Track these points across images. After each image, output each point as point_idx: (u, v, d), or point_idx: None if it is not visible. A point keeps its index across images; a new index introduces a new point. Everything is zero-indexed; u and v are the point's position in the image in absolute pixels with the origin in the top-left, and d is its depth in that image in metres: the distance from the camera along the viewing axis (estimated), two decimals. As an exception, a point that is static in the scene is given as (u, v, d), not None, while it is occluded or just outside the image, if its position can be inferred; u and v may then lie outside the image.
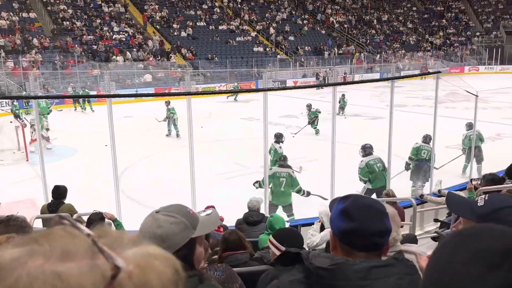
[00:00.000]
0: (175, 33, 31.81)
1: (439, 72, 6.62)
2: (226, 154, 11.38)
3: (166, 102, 14.07)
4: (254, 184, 7.31)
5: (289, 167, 7.18)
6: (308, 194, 7.17)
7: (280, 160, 7.35)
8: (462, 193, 5.92)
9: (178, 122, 13.48)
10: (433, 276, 0.51)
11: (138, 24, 31.78)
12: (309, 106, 14.49)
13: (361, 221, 1.16)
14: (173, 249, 1.27)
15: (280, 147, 8.58)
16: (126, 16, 31.76)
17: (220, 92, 19.74)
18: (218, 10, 36.67)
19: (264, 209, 5.72)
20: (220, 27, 34.49)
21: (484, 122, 13.05)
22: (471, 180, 6.75)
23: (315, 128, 14.11)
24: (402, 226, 2.34)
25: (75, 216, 5.33)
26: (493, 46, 40.12)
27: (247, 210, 4.97)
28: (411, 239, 3.03)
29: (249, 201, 4.93)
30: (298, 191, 6.99)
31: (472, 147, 8.49)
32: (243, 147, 11.86)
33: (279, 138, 8.83)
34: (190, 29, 32.67)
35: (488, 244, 0.49)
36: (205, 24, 34.36)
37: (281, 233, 2.82)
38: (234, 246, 2.98)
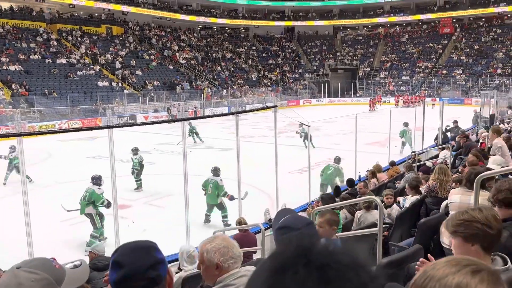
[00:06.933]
0: (4, 67, 28.36)
1: (276, 106, 7.32)
2: (71, 198, 10.41)
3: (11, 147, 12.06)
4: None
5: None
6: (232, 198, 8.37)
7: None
8: (304, 214, 6.53)
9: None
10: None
11: (-46, 55, 27.44)
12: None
13: (131, 263, 1.22)
14: None
15: (221, 180, 8.57)
16: None
17: (60, 131, 18.12)
18: (56, 43, 34.10)
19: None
20: (58, 61, 32.04)
21: (317, 148, 14.74)
22: (308, 204, 7.52)
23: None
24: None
25: None
26: (321, 82, 46.13)
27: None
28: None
29: (96, 246, 4.60)
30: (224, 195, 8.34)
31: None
32: (90, 188, 10.99)
33: (216, 171, 8.72)
34: (22, 62, 29.56)
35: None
36: (40, 57, 31.52)
37: None
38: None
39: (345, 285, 0.61)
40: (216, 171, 8.54)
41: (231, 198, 8.39)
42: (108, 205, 7.55)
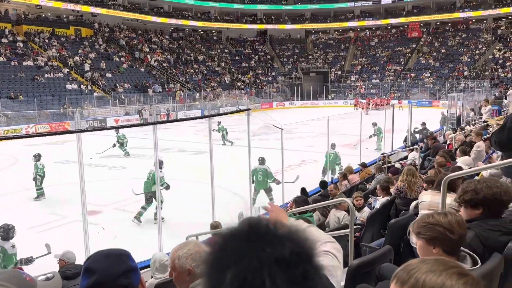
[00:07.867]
0: (-34, 69, 27.31)
1: (249, 109, 7.33)
2: (39, 204, 10.10)
3: None
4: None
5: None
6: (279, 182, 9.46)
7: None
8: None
9: None
10: None
11: None
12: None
13: (103, 270, 1.20)
14: None
15: (268, 167, 9.67)
16: None
17: (26, 136, 17.57)
18: (22, 45, 33.06)
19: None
20: (25, 63, 31.06)
21: (290, 150, 14.80)
22: (282, 207, 7.55)
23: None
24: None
25: None
26: (294, 84, 46.51)
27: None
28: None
29: (64, 253, 4.47)
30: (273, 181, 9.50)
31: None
32: (59, 194, 10.71)
33: (263, 161, 9.76)
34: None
35: None
36: (5, 59, 30.48)
37: None
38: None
39: (265, 248, 0.65)
40: (262, 161, 9.58)
41: (278, 182, 9.50)
42: (167, 187, 8.62)
